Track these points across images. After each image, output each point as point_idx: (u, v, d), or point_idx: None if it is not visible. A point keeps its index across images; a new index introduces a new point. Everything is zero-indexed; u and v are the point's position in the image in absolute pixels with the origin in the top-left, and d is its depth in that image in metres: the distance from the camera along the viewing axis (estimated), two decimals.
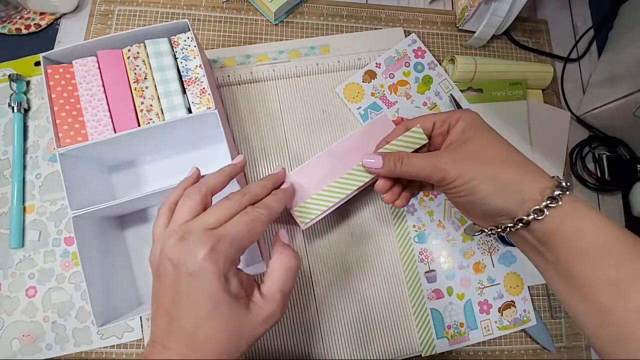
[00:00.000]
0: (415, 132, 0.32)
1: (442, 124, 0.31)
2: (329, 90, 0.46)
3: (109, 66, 0.35)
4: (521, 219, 0.26)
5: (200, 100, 0.35)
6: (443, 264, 0.43)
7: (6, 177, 0.41)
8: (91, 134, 0.34)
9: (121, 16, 0.46)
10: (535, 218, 0.25)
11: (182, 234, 0.25)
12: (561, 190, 0.25)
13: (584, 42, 0.53)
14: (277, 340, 0.39)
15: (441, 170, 0.28)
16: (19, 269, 0.40)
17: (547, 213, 0.25)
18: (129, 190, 0.40)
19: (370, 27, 0.49)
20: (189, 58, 0.36)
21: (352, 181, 0.35)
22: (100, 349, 0.39)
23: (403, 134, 0.32)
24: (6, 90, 0.43)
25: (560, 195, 0.25)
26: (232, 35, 0.47)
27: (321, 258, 0.41)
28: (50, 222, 0.41)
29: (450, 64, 0.48)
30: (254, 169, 0.43)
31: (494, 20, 0.46)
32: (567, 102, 0.50)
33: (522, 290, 0.43)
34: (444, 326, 0.41)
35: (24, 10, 0.46)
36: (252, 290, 0.27)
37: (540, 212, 0.25)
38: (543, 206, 0.25)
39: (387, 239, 0.43)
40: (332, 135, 0.45)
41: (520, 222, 0.26)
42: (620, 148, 0.48)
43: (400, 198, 0.34)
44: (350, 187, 0.35)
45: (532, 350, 0.43)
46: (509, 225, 0.27)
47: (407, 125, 0.33)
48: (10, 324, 0.39)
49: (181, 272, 0.24)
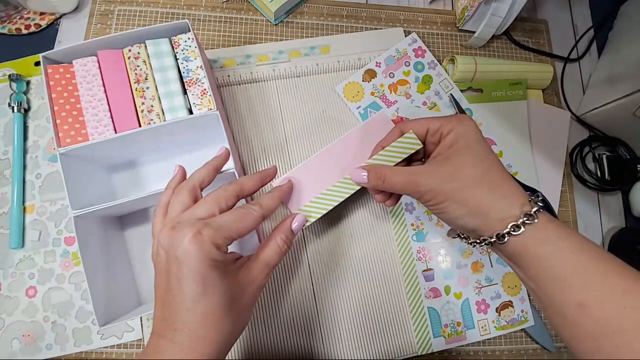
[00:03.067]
0: (409, 137, 0.33)
1: (434, 133, 0.32)
2: (329, 90, 0.46)
3: (110, 66, 0.35)
4: (485, 239, 0.28)
5: (202, 101, 0.35)
6: (441, 263, 0.43)
7: (6, 177, 0.41)
8: (92, 134, 0.34)
9: (121, 16, 0.46)
10: (498, 242, 0.27)
11: (173, 224, 0.26)
12: (527, 217, 0.26)
13: (584, 42, 0.53)
14: (277, 340, 0.39)
15: (417, 189, 0.30)
16: (19, 269, 0.40)
17: (508, 239, 0.27)
18: (130, 191, 0.40)
19: (370, 27, 0.49)
20: (189, 59, 0.36)
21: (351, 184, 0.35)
22: (100, 349, 0.39)
23: (397, 139, 0.33)
24: (6, 90, 0.43)
25: (525, 223, 0.26)
26: (232, 35, 0.47)
27: (320, 257, 0.41)
28: (50, 222, 0.41)
29: (450, 63, 0.48)
30: (254, 168, 0.43)
31: (494, 20, 0.46)
32: (567, 102, 0.50)
33: (520, 290, 0.43)
34: (440, 325, 0.41)
35: (24, 10, 0.46)
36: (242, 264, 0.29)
37: (502, 237, 0.27)
38: (505, 232, 0.26)
39: (385, 238, 0.43)
40: (332, 134, 0.45)
41: (485, 242, 0.28)
42: (620, 148, 0.48)
43: (390, 199, 0.35)
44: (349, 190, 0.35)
45: (532, 350, 0.43)
46: (477, 241, 0.30)
47: (402, 129, 0.33)
48: (10, 324, 0.39)
49: (171, 257, 0.25)
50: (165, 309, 0.26)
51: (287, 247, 0.31)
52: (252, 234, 0.39)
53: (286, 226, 0.32)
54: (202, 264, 0.24)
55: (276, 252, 0.30)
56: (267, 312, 0.40)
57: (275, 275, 0.41)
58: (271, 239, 0.31)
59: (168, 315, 0.25)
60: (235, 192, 0.29)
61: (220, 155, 0.33)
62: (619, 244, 0.45)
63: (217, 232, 0.25)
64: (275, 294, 0.40)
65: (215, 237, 0.25)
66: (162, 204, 0.29)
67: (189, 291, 0.24)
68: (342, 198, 0.35)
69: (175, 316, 0.25)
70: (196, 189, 0.29)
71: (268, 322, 0.40)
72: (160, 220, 0.29)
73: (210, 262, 0.25)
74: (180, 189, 0.29)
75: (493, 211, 0.27)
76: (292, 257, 0.41)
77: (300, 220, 0.33)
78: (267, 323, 0.40)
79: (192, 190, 0.29)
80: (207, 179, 0.30)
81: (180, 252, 0.24)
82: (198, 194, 0.29)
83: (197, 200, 0.29)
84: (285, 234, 0.31)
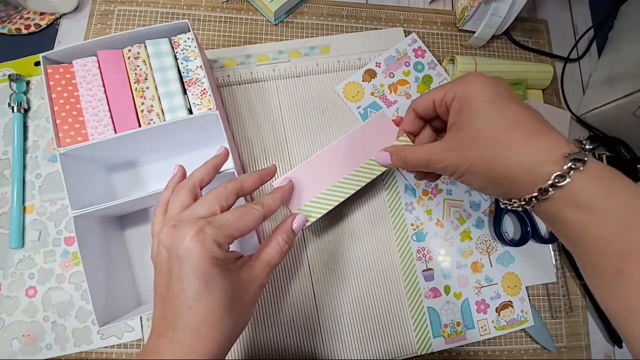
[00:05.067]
0: (402, 141, 0.35)
1: (440, 104, 0.30)
2: (329, 90, 0.46)
3: (110, 66, 0.35)
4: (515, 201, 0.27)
5: (201, 101, 0.35)
6: (441, 263, 0.43)
7: (6, 177, 0.41)
8: (92, 134, 0.34)
9: (121, 16, 0.46)
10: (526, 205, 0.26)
11: (174, 223, 0.26)
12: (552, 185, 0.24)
13: (584, 42, 0.53)
14: (277, 339, 0.39)
15: (436, 166, 0.29)
16: (19, 269, 0.40)
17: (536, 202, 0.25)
18: (130, 190, 0.40)
19: (370, 27, 0.49)
20: (189, 59, 0.36)
21: (351, 184, 0.36)
22: (100, 349, 0.39)
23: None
24: (6, 90, 0.43)
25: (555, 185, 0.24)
26: (232, 35, 0.47)
27: (320, 257, 0.41)
28: (50, 222, 0.41)
29: (450, 64, 0.48)
30: (254, 168, 0.43)
31: (494, 20, 0.46)
32: (567, 102, 0.50)
33: (520, 290, 0.43)
34: (440, 325, 0.41)
35: (24, 10, 0.46)
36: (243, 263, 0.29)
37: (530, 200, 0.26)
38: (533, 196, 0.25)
39: (385, 238, 0.43)
40: (332, 134, 0.45)
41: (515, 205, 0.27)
42: (620, 148, 0.48)
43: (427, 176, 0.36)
44: (349, 190, 0.36)
45: (532, 350, 0.43)
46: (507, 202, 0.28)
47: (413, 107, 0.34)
48: (10, 324, 0.39)
49: (172, 255, 0.25)
50: (166, 307, 0.25)
51: (288, 247, 0.31)
52: (252, 234, 0.39)
53: (287, 226, 0.32)
54: (203, 261, 0.24)
55: (277, 251, 0.30)
56: (267, 312, 0.40)
57: (276, 275, 0.41)
58: (272, 239, 0.31)
59: (168, 314, 0.25)
60: (235, 190, 0.29)
61: (220, 155, 0.33)
62: None
63: (219, 230, 0.25)
64: (275, 294, 0.40)
65: (217, 235, 0.25)
66: (162, 203, 0.29)
67: (190, 289, 0.24)
68: (343, 198, 0.35)
69: (175, 315, 0.25)
70: (196, 187, 0.29)
71: (268, 322, 0.40)
72: (160, 220, 0.29)
73: (212, 259, 0.25)
74: (180, 187, 0.29)
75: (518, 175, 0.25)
76: (292, 257, 0.41)
77: (301, 220, 0.33)
78: (267, 323, 0.40)
79: (192, 189, 0.29)
80: (206, 178, 0.30)
81: (182, 250, 0.24)
82: (198, 192, 0.29)
83: (197, 199, 0.29)
84: (287, 233, 0.32)
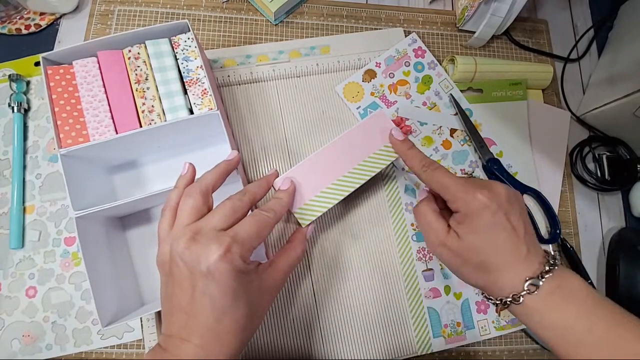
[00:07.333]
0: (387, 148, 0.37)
1: (446, 201, 0.32)
2: (328, 90, 0.46)
3: (110, 67, 0.35)
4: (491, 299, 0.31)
5: (202, 101, 0.35)
6: (441, 263, 0.43)
7: (6, 177, 0.41)
8: (92, 134, 0.34)
9: (121, 16, 0.46)
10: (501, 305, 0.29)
11: (192, 235, 0.26)
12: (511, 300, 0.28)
13: (584, 42, 0.53)
14: (277, 339, 0.39)
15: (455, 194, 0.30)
16: (19, 269, 0.40)
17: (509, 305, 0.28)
18: (131, 191, 0.40)
19: (370, 27, 0.49)
20: (189, 59, 0.36)
21: (351, 182, 0.36)
22: (100, 349, 0.39)
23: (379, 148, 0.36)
24: (6, 90, 0.43)
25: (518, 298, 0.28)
26: (232, 35, 0.47)
27: (320, 257, 0.41)
28: (50, 222, 0.41)
29: (450, 64, 0.48)
30: (254, 168, 0.43)
31: (494, 20, 0.46)
32: (567, 102, 0.50)
33: None
34: (440, 325, 0.41)
35: (24, 10, 0.46)
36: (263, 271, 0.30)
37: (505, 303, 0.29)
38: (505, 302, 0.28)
39: (385, 238, 0.43)
40: (332, 134, 0.45)
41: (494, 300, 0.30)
42: (620, 148, 0.48)
43: None
44: (349, 188, 0.36)
45: (532, 350, 0.43)
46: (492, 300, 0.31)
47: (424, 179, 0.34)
48: (10, 324, 0.39)
49: (196, 272, 0.25)
50: (189, 318, 0.26)
51: (302, 254, 0.34)
52: None
53: (302, 233, 0.35)
54: (233, 279, 0.25)
55: (294, 258, 0.33)
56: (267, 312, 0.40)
57: None
58: (290, 248, 0.33)
59: (193, 325, 0.25)
60: (249, 203, 0.30)
61: (232, 160, 0.32)
62: (619, 244, 0.45)
63: (244, 247, 0.26)
64: None
65: (242, 251, 0.26)
66: (171, 203, 0.29)
67: (218, 306, 0.25)
68: (342, 196, 0.35)
69: (201, 325, 0.25)
70: (208, 193, 0.29)
71: (268, 322, 0.40)
72: (169, 222, 0.28)
73: (239, 275, 0.26)
74: (192, 191, 0.28)
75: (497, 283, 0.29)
76: None
77: (311, 228, 0.36)
78: (267, 323, 0.40)
79: (204, 194, 0.29)
80: (218, 183, 0.30)
81: (210, 269, 0.25)
82: (210, 198, 0.29)
83: (209, 205, 0.29)
84: (301, 240, 0.34)
